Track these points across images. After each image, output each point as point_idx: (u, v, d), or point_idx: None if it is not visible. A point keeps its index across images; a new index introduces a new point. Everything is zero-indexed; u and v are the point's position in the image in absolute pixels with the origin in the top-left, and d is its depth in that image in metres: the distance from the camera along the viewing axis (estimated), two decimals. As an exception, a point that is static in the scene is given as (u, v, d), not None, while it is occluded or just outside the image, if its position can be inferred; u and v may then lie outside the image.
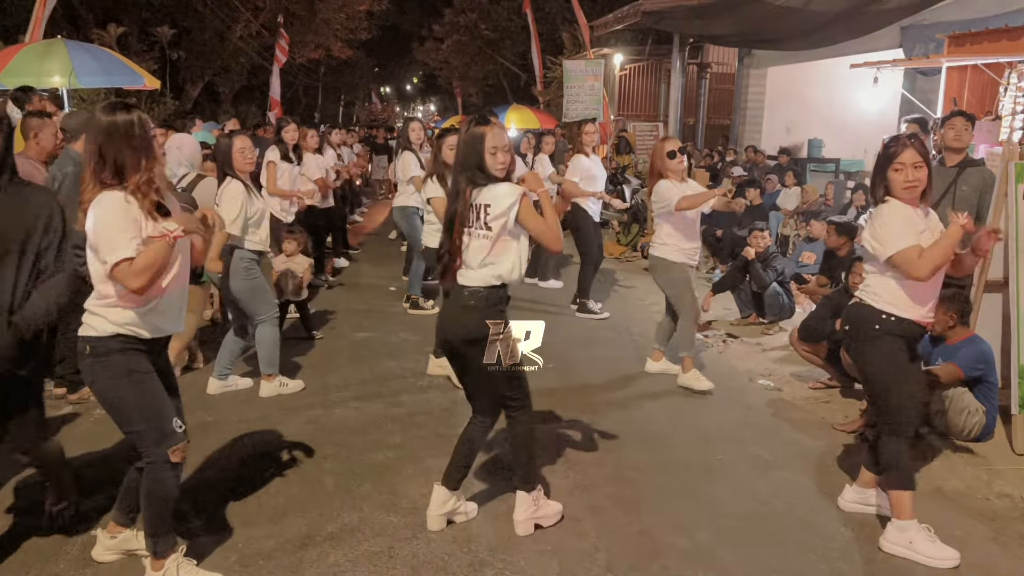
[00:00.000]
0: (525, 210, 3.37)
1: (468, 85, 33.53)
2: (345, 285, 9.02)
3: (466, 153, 3.44)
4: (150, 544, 3.14)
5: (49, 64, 9.33)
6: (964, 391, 4.70)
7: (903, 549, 3.53)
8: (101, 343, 2.96)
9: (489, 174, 3.41)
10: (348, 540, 3.58)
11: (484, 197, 3.39)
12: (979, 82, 9.71)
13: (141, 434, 3.03)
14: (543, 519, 3.70)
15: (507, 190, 3.38)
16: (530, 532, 3.64)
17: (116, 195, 2.87)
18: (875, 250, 3.54)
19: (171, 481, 3.10)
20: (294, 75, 29.30)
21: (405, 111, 58.74)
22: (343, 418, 5.07)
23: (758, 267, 7.30)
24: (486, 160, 3.40)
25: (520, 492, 3.67)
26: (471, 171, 3.43)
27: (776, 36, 12.87)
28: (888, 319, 3.55)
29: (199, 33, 21.98)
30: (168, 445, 3.03)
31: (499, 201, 3.36)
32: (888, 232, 3.48)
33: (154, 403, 3.03)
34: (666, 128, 17.65)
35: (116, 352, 2.96)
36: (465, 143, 3.45)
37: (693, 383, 5.68)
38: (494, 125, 3.46)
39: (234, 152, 5.12)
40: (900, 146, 3.53)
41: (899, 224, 3.47)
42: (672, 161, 5.60)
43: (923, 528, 3.55)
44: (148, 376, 3.04)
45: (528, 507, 3.65)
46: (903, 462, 3.58)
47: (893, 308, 3.55)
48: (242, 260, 5.14)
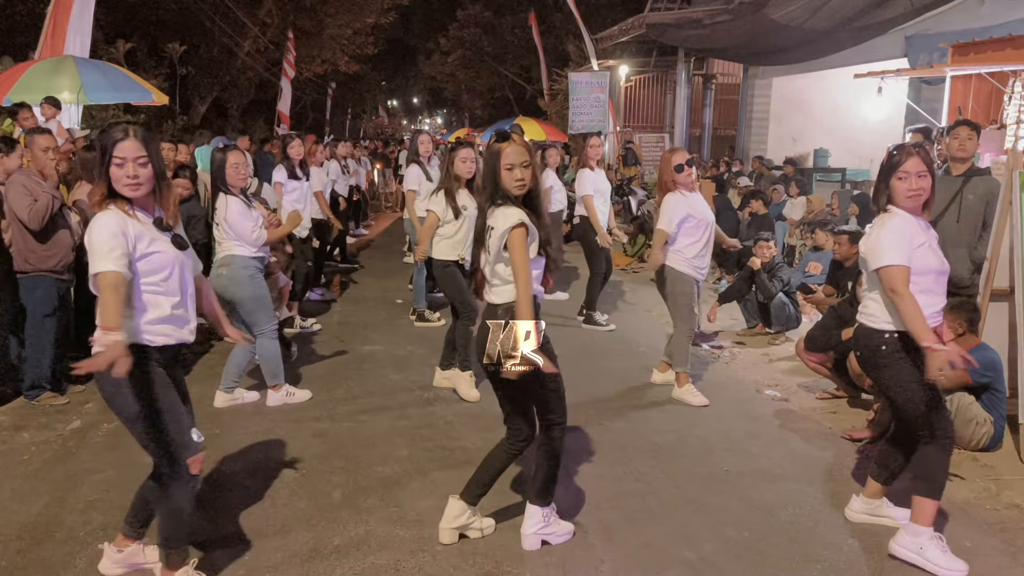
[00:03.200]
0: (514, 237, 3.35)
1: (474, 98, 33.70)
2: (352, 298, 9.05)
3: (485, 171, 3.51)
4: (162, 555, 3.15)
5: (58, 81, 9.43)
6: (972, 402, 4.68)
7: (913, 555, 3.51)
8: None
9: (505, 192, 3.43)
10: (354, 553, 3.59)
11: (493, 216, 3.45)
12: (984, 91, 9.72)
13: (161, 447, 3.04)
14: (551, 536, 3.67)
15: (510, 213, 3.39)
16: (536, 547, 3.63)
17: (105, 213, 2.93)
18: (867, 257, 3.53)
19: (186, 493, 3.10)
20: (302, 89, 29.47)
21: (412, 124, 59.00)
22: (350, 431, 5.08)
23: (764, 277, 7.30)
24: (502, 177, 3.42)
25: (532, 506, 3.65)
26: (489, 189, 3.49)
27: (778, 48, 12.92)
28: (892, 337, 3.51)
29: (207, 49, 22.17)
30: (187, 456, 3.04)
31: (500, 221, 3.40)
32: (883, 243, 3.45)
33: (172, 416, 3.04)
34: (672, 139, 17.69)
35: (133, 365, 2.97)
36: (484, 161, 3.53)
37: (688, 398, 5.66)
38: (513, 142, 3.46)
39: (228, 167, 5.16)
40: (904, 155, 3.50)
41: (897, 236, 3.45)
42: (680, 175, 5.61)
43: (936, 536, 3.52)
44: (166, 389, 3.04)
45: (538, 522, 3.64)
46: (940, 474, 3.53)
47: (896, 325, 3.49)
48: (246, 268, 5.17)
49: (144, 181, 2.97)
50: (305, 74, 26.63)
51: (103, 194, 2.96)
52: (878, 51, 11.48)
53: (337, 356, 6.76)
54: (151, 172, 2.99)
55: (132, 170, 2.93)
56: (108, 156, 2.93)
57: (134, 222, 2.95)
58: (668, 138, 18.01)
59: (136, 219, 2.96)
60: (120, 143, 2.92)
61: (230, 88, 24.05)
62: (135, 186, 2.95)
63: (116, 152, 2.92)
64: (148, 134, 3.02)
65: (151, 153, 2.99)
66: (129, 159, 2.93)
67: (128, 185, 2.94)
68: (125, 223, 2.92)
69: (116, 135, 2.94)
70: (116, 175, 2.93)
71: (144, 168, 2.97)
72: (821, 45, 11.79)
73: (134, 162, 2.93)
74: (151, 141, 3.01)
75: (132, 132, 2.96)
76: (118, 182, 2.94)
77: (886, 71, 10.47)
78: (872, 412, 5.10)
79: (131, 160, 2.93)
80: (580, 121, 16.17)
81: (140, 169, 2.95)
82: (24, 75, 9.53)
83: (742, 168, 15.05)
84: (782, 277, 7.40)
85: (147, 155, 2.97)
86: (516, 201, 3.45)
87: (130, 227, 2.93)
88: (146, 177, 2.97)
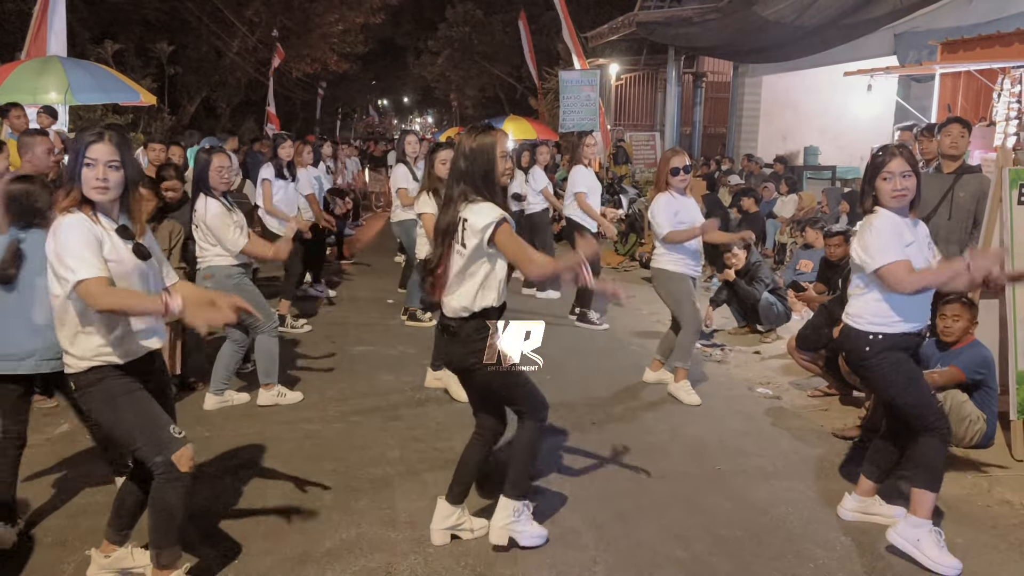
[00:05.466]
0: (503, 233, 3.31)
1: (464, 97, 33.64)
2: (344, 298, 9.02)
3: (474, 161, 3.38)
4: (153, 555, 3.12)
5: (45, 81, 9.38)
6: (965, 400, 4.68)
7: (909, 545, 3.51)
8: (81, 378, 2.99)
9: (495, 182, 3.38)
10: (346, 556, 3.56)
11: (467, 211, 3.36)
12: (973, 88, 9.74)
13: (142, 449, 3.03)
14: (521, 535, 3.57)
15: (488, 209, 3.33)
16: (503, 542, 3.56)
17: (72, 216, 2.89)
18: (862, 261, 3.53)
19: (177, 492, 3.07)
20: (291, 89, 29.38)
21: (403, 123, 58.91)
22: (341, 432, 5.06)
23: (742, 284, 7.30)
24: (497, 165, 3.38)
25: (504, 498, 3.57)
26: (474, 180, 3.38)
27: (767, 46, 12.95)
28: (876, 339, 3.55)
29: (196, 49, 22.08)
30: (169, 452, 3.01)
31: (478, 218, 3.31)
32: (877, 244, 3.46)
33: (147, 417, 3.03)
34: (663, 138, 17.71)
35: (96, 384, 2.99)
36: (474, 151, 3.39)
37: (683, 395, 5.66)
38: (500, 130, 3.48)
39: (211, 169, 5.09)
40: (888, 155, 3.53)
41: (887, 236, 3.46)
42: (675, 178, 5.60)
43: (935, 531, 3.52)
44: (135, 394, 3.03)
45: (508, 515, 3.55)
46: (938, 464, 3.55)
47: (880, 326, 3.55)
48: (230, 277, 5.13)
49: (112, 186, 2.93)
50: (295, 74, 26.54)
51: (76, 198, 2.92)
52: (867, 49, 11.51)
53: (328, 357, 6.73)
54: (122, 178, 2.96)
55: (102, 172, 2.90)
56: (80, 157, 2.90)
57: (97, 227, 2.91)
58: (659, 136, 18.02)
59: (99, 224, 2.93)
60: (93, 144, 2.90)
61: (219, 88, 23.95)
62: (102, 189, 2.92)
63: (88, 153, 2.89)
64: (124, 140, 2.99)
65: (125, 159, 2.96)
66: (101, 161, 2.90)
67: (96, 188, 2.91)
68: (91, 226, 2.90)
69: (90, 137, 2.92)
70: (86, 176, 2.90)
71: (115, 172, 2.93)
72: (811, 43, 11.82)
73: (105, 165, 2.90)
74: (126, 148, 2.98)
75: (107, 136, 2.93)
76: (86, 183, 2.90)
77: (875, 69, 10.50)
78: (863, 409, 5.11)
79: (103, 163, 2.90)
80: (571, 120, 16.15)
81: (111, 173, 2.92)
82: (10, 76, 9.47)
83: (732, 166, 15.08)
84: (763, 278, 7.38)
85: (120, 160, 2.94)
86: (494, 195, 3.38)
87: (94, 231, 2.90)
88: (115, 182, 2.94)
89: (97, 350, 2.97)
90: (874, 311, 3.56)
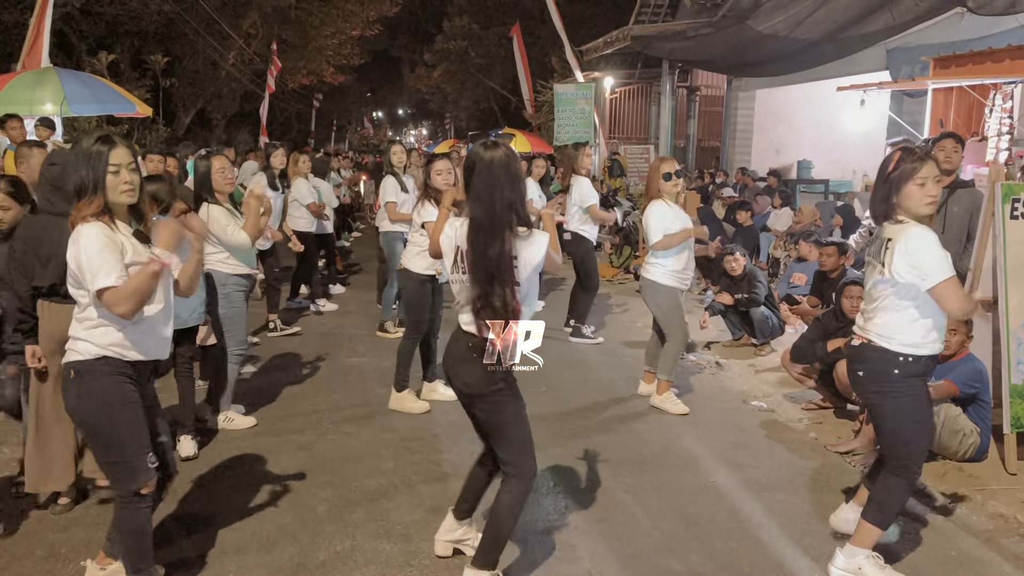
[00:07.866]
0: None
1: (459, 110, 33.75)
2: (337, 310, 9.00)
3: (498, 182, 3.03)
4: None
5: (41, 92, 9.40)
6: (959, 414, 4.69)
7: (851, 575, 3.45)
8: (87, 366, 2.94)
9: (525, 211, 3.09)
10: (340, 568, 3.55)
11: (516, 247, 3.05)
12: (965, 103, 9.82)
13: (113, 466, 3.01)
14: None
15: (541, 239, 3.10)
16: None
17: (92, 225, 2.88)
18: (914, 280, 3.23)
19: (144, 514, 3.07)
20: (286, 100, 29.44)
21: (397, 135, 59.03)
22: (335, 444, 5.04)
23: (744, 299, 7.29)
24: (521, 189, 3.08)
25: (469, 568, 3.25)
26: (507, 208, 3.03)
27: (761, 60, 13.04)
28: (907, 361, 3.30)
29: (191, 60, 22.13)
30: (139, 482, 3.00)
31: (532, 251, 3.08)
32: (931, 259, 3.19)
33: (134, 438, 2.99)
34: (657, 150, 17.78)
35: (104, 376, 2.94)
36: (497, 167, 3.05)
37: (668, 406, 5.66)
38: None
39: (213, 172, 5.03)
40: (919, 160, 3.27)
41: (940, 250, 3.21)
42: (667, 183, 5.61)
43: (874, 555, 3.44)
44: (133, 407, 3.01)
45: None
46: (897, 507, 3.44)
47: (912, 348, 3.31)
48: (224, 285, 5.06)
49: (136, 187, 2.97)
50: (291, 85, 26.61)
51: (99, 206, 2.90)
52: (860, 64, 11.59)
53: (321, 368, 6.72)
54: (139, 180, 3.00)
55: (127, 175, 2.93)
56: (104, 164, 2.89)
57: (117, 235, 2.92)
58: (653, 149, 18.10)
59: (117, 230, 2.94)
60: (114, 150, 2.91)
61: (214, 100, 23.99)
62: (131, 192, 2.95)
63: (112, 159, 2.90)
64: (128, 142, 3.02)
65: (136, 161, 2.99)
66: (123, 165, 2.92)
67: (125, 191, 2.94)
68: (111, 233, 2.90)
69: (107, 144, 2.92)
70: (112, 182, 2.91)
71: (136, 175, 2.97)
72: (804, 58, 11.90)
73: (127, 168, 2.93)
74: (134, 150, 3.02)
75: (119, 140, 2.96)
76: (114, 189, 2.92)
77: (868, 84, 10.57)
78: (857, 423, 5.12)
79: (124, 166, 2.93)
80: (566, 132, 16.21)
81: (133, 175, 2.96)
82: (6, 87, 9.49)
83: (726, 179, 15.14)
84: (761, 280, 7.39)
85: (136, 162, 2.98)
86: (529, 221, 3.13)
87: (115, 238, 2.90)
88: (137, 183, 2.97)
89: (114, 342, 2.95)
90: (910, 331, 3.30)
